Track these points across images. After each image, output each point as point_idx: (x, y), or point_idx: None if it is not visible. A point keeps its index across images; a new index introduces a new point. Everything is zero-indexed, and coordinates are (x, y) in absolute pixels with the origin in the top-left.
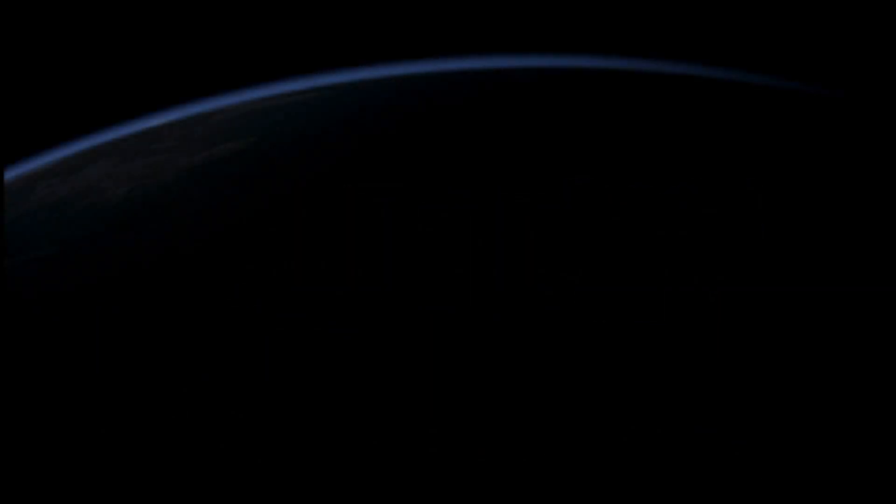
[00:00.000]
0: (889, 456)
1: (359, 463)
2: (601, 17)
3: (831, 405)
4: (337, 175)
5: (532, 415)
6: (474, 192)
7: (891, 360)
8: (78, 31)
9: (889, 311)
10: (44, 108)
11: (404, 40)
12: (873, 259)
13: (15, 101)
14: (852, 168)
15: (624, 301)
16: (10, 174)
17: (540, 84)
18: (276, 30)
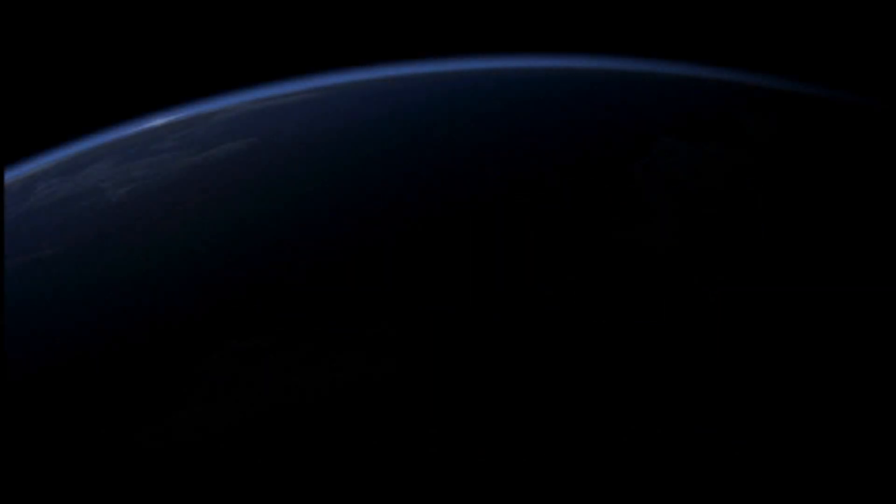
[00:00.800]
0: (889, 456)
1: (359, 462)
2: (606, 18)
3: (831, 405)
4: (336, 175)
5: (532, 415)
6: (471, 193)
7: (890, 360)
8: (79, 32)
9: (889, 311)
10: (44, 108)
11: (401, 41)
12: (873, 259)
13: (15, 101)
14: (852, 169)
15: (624, 301)
16: (10, 174)
17: (522, 81)
18: (276, 30)
